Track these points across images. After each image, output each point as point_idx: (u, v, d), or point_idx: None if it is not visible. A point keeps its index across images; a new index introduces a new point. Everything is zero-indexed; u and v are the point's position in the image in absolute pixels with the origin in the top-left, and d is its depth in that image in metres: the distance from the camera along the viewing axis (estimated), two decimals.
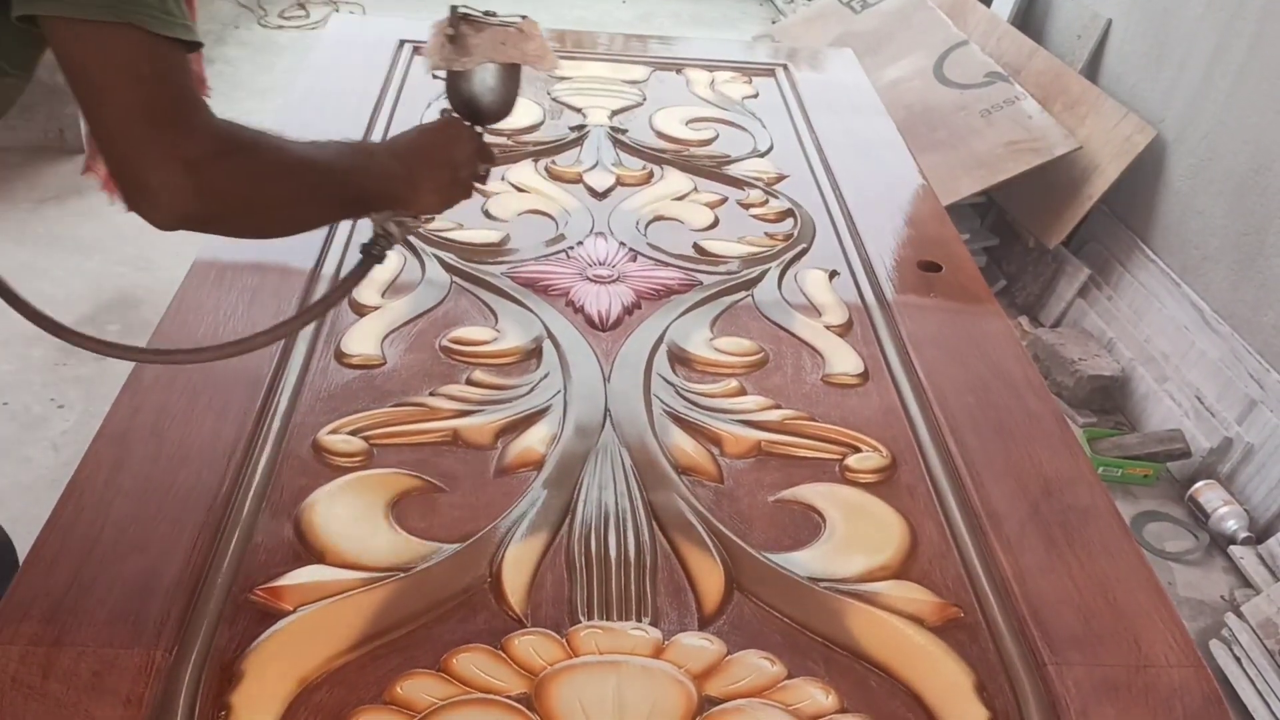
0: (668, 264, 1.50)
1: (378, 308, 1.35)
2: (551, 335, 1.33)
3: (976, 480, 1.16)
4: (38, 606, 0.91)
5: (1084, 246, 2.94)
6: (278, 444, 1.12)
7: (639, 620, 0.96)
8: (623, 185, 1.71)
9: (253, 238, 1.09)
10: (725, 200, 1.69)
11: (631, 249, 1.53)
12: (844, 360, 1.34)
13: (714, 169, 1.77)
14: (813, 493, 1.14)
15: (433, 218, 1.26)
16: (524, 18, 1.10)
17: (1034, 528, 1.10)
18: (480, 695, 0.87)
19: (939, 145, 2.98)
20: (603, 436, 1.18)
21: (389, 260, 1.43)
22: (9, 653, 0.87)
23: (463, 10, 1.07)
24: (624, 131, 1.86)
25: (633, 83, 2.06)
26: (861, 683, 0.92)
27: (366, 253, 1.07)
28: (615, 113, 1.93)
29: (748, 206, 1.68)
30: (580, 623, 0.96)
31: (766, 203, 1.69)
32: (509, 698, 0.87)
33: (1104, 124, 2.82)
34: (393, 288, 1.40)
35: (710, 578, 1.02)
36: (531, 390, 1.24)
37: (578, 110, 1.93)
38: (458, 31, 1.06)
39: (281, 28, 4.26)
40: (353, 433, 1.15)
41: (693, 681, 0.90)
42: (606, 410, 1.22)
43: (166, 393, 1.17)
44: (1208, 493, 2.26)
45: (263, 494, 1.06)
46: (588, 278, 1.45)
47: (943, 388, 1.30)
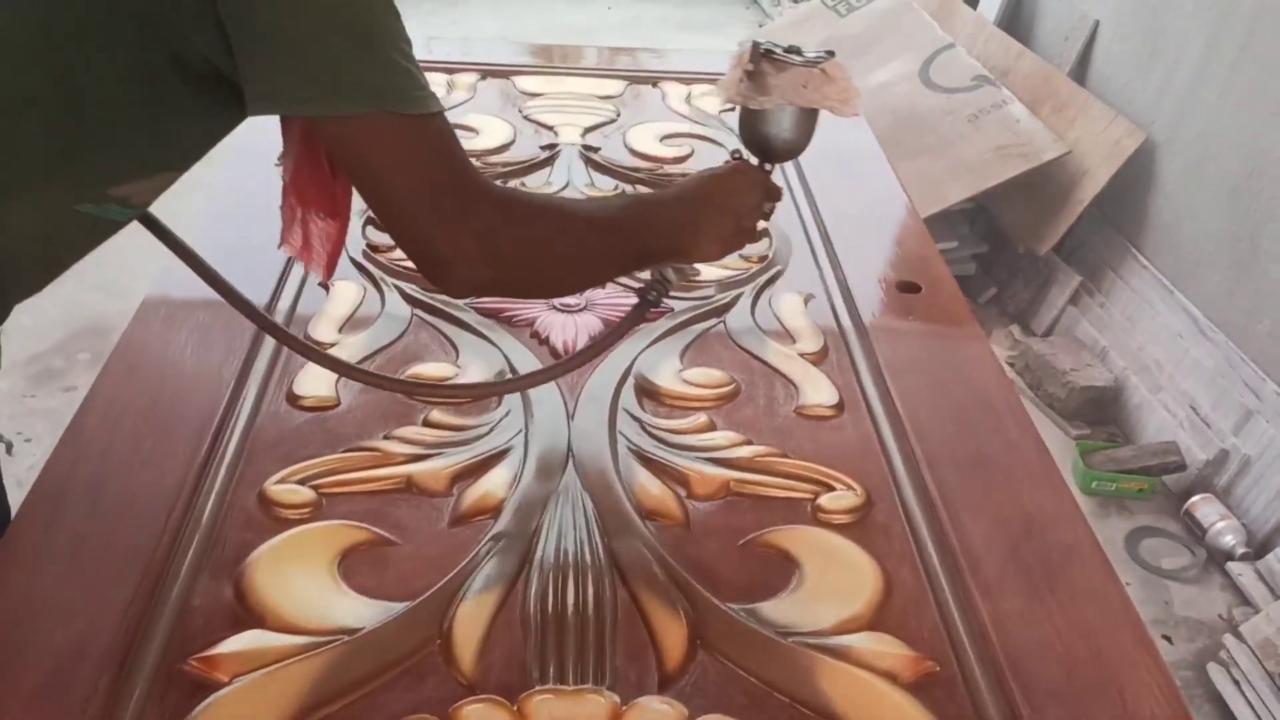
0: (637, 290, 1.45)
1: (334, 344, 1.30)
2: (514, 370, 1.28)
3: (954, 518, 1.11)
4: None
5: (1075, 252, 2.89)
6: (222, 496, 1.07)
7: (596, 683, 0.91)
8: None
9: (543, 298, 1.13)
10: None
11: None
12: (818, 390, 1.29)
13: None
14: (783, 536, 1.09)
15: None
16: (830, 54, 1.04)
17: (1014, 570, 1.05)
18: None
19: (926, 151, 2.94)
20: (564, 479, 1.13)
21: (348, 293, 1.41)
22: None
23: (765, 46, 1.02)
24: (596, 150, 1.81)
25: (607, 98, 2.01)
26: None
27: (642, 297, 1.06)
28: (588, 130, 1.88)
29: None
30: (534, 687, 0.91)
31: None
32: None
33: (1093, 127, 2.77)
34: (350, 322, 1.35)
35: (673, 634, 0.96)
36: (491, 430, 1.19)
37: (550, 128, 1.88)
38: (758, 69, 1.01)
39: None
40: (301, 482, 1.10)
41: None
42: (569, 450, 1.17)
43: (109, 442, 1.12)
44: (1204, 507, 2.21)
45: (204, 551, 1.01)
46: (553, 307, 1.40)
47: (921, 418, 1.25)
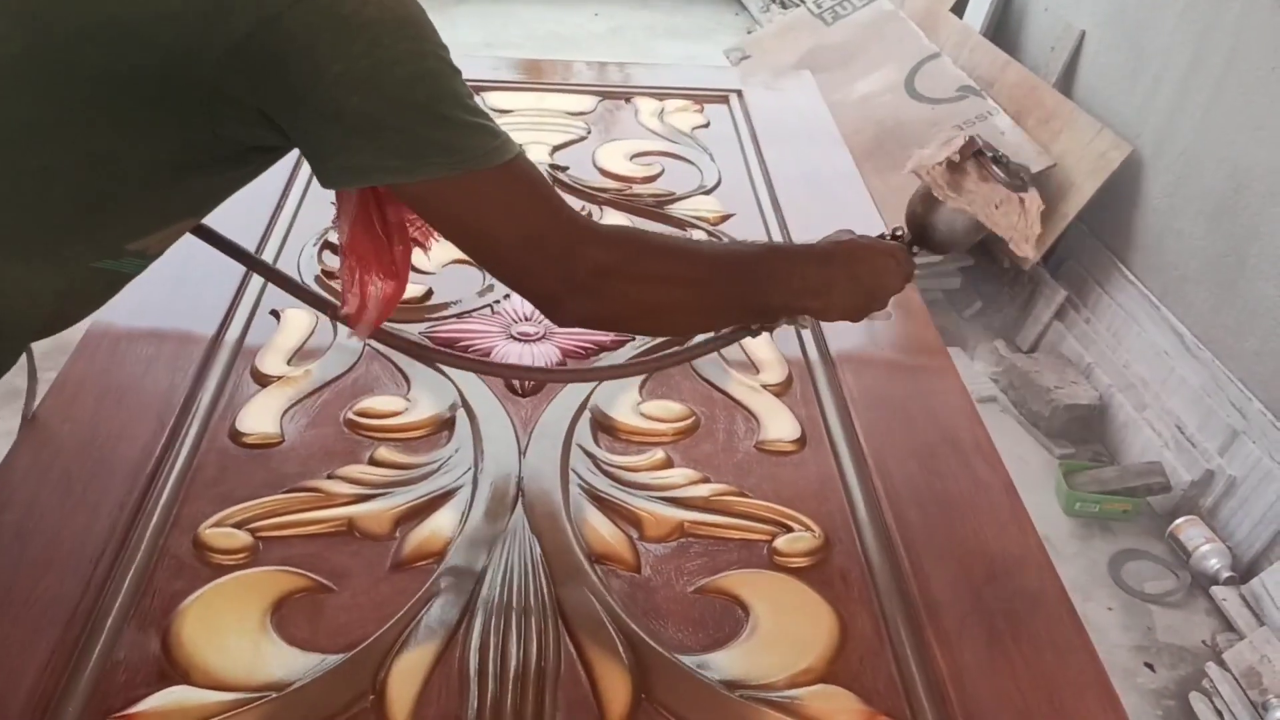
0: None
1: (281, 377, 1.26)
2: (466, 403, 1.25)
3: (915, 563, 1.07)
4: None
5: (1061, 266, 2.85)
6: (154, 541, 1.03)
7: None
8: None
9: (656, 336, 1.12)
10: None
11: None
12: (780, 424, 1.25)
13: (655, 209, 1.68)
14: (737, 581, 1.05)
15: None
16: (1031, 185, 1.01)
17: (976, 619, 1.01)
18: None
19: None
20: (512, 520, 1.09)
21: (298, 322, 1.37)
22: None
23: (980, 146, 0.98)
24: (564, 169, 1.77)
25: (578, 114, 1.97)
26: None
27: (745, 325, 1.04)
28: (557, 148, 1.85)
29: None
30: None
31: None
32: None
33: (1079, 139, 2.73)
34: (300, 353, 1.31)
35: (616, 687, 0.93)
36: (439, 469, 1.15)
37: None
38: (962, 165, 0.97)
39: None
40: (238, 525, 1.06)
41: None
42: (519, 490, 1.13)
43: (38, 486, 1.08)
44: (1189, 529, 2.17)
45: (131, 601, 0.97)
46: (512, 336, 1.36)
47: (884, 454, 1.21)
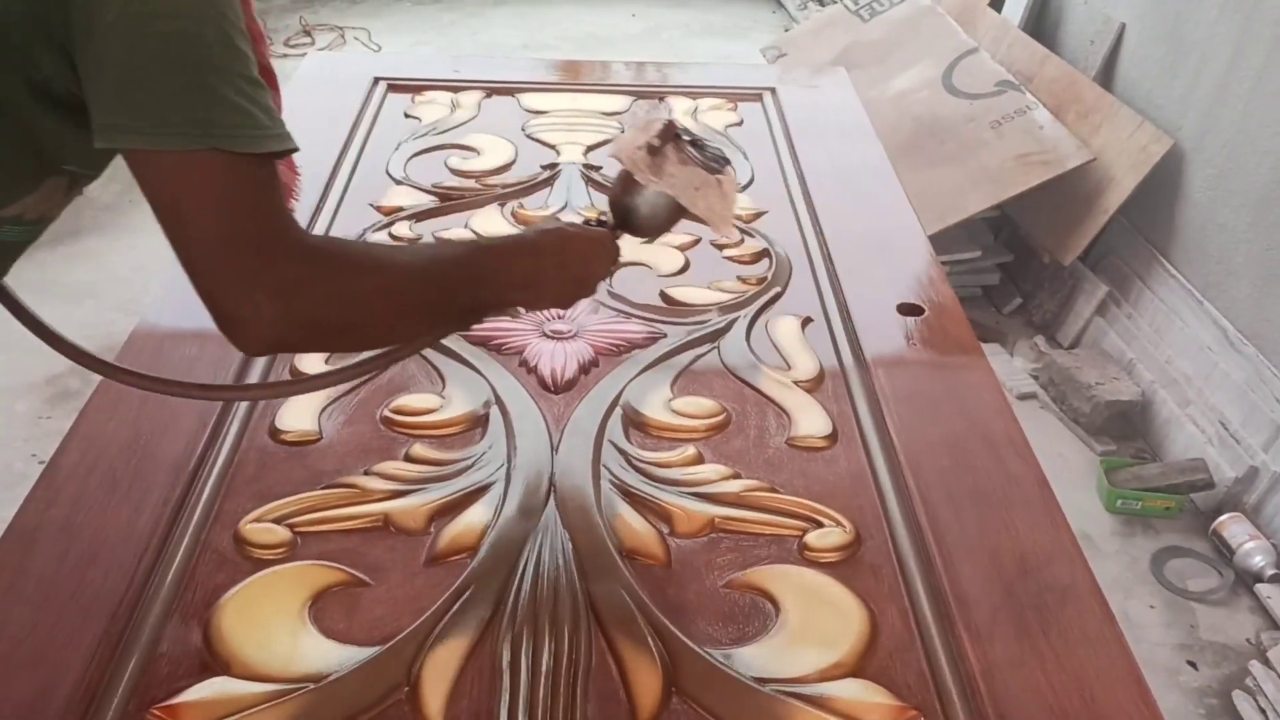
0: (631, 315, 1.43)
1: (319, 375, 1.28)
2: (500, 400, 1.26)
3: (946, 558, 1.07)
4: None
5: (1102, 261, 2.82)
6: (196, 536, 1.06)
7: None
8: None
9: (358, 352, 1.02)
10: (698, 241, 1.60)
11: (594, 299, 1.45)
12: (812, 420, 1.26)
13: None
14: (767, 576, 1.05)
15: None
16: (728, 164, 1.02)
17: (1007, 613, 1.01)
18: None
19: (947, 159, 2.88)
20: (544, 516, 1.10)
21: None
22: None
23: (679, 131, 1.00)
24: (598, 169, 1.79)
25: (611, 114, 1.99)
26: None
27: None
28: (590, 148, 1.86)
29: (721, 247, 1.59)
30: None
31: (742, 242, 1.61)
32: None
33: (1119, 133, 2.70)
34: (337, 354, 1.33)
35: (647, 680, 0.94)
36: (473, 465, 1.17)
37: (552, 147, 1.86)
38: (661, 149, 0.99)
39: (286, 56, 4.23)
40: (277, 520, 1.08)
41: None
42: (551, 485, 1.14)
43: (85, 482, 1.11)
44: (1232, 526, 2.14)
45: (174, 595, 1.00)
46: (545, 334, 1.38)
47: (915, 450, 1.21)
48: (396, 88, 2.03)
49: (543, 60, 2.32)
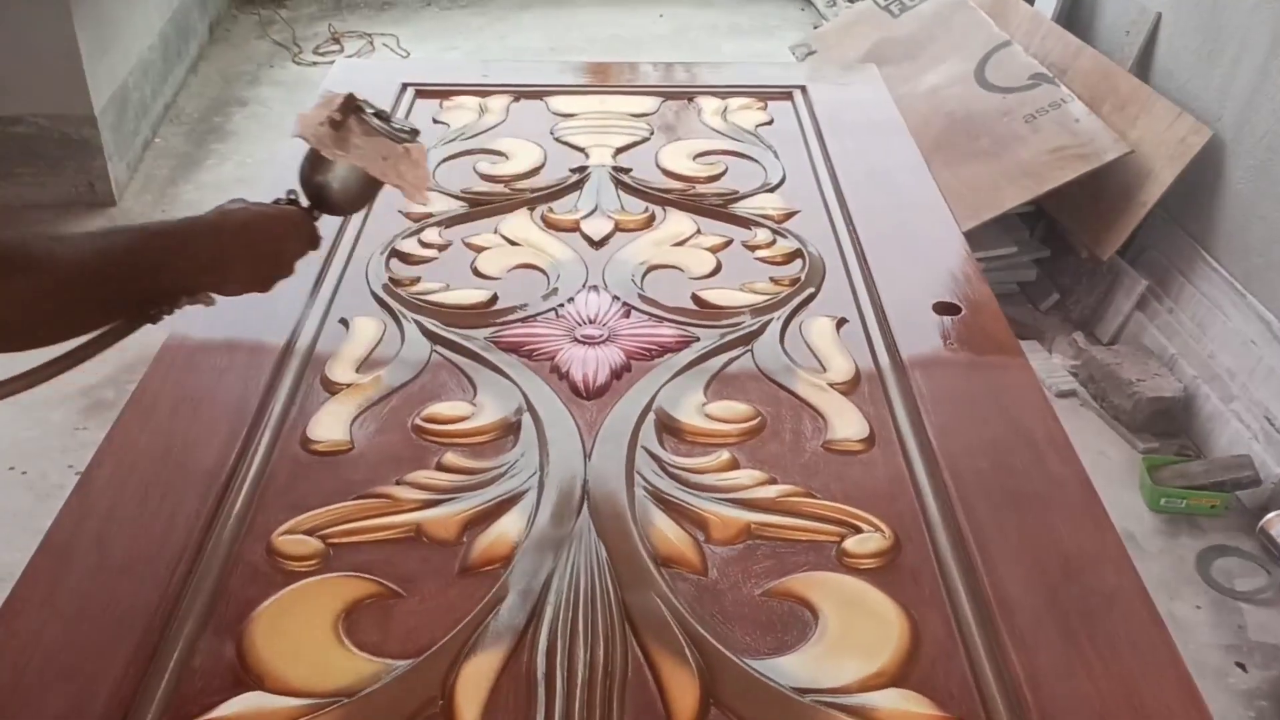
0: (663, 319, 1.41)
1: (350, 385, 1.28)
2: (532, 407, 1.25)
3: (988, 562, 1.04)
4: None
5: (1141, 255, 2.78)
6: (229, 549, 1.05)
7: None
8: (621, 231, 1.61)
9: (19, 351, 0.93)
10: (730, 242, 1.59)
11: (625, 303, 1.44)
12: (848, 423, 1.24)
13: (720, 208, 1.67)
14: (805, 583, 1.03)
15: None
16: (416, 134, 1.02)
17: (1051, 619, 0.99)
18: None
19: (981, 155, 2.85)
20: (578, 524, 1.09)
21: (366, 330, 1.38)
22: None
23: (359, 103, 1.00)
24: (627, 171, 1.77)
25: (641, 116, 1.97)
26: None
27: (142, 311, 0.95)
28: (620, 150, 1.85)
29: (753, 248, 1.58)
30: None
31: (774, 243, 1.59)
32: None
33: (1156, 125, 2.66)
34: (369, 361, 1.33)
35: (685, 692, 0.92)
36: (505, 473, 1.16)
37: (581, 150, 1.85)
38: (344, 122, 0.99)
39: (316, 64, 4.26)
40: (309, 532, 1.08)
41: None
42: (585, 493, 1.13)
43: (118, 494, 1.11)
44: None
45: (208, 608, 0.99)
46: (576, 339, 1.37)
47: (955, 452, 1.18)
48: (424, 93, 2.02)
49: (570, 63, 2.31)
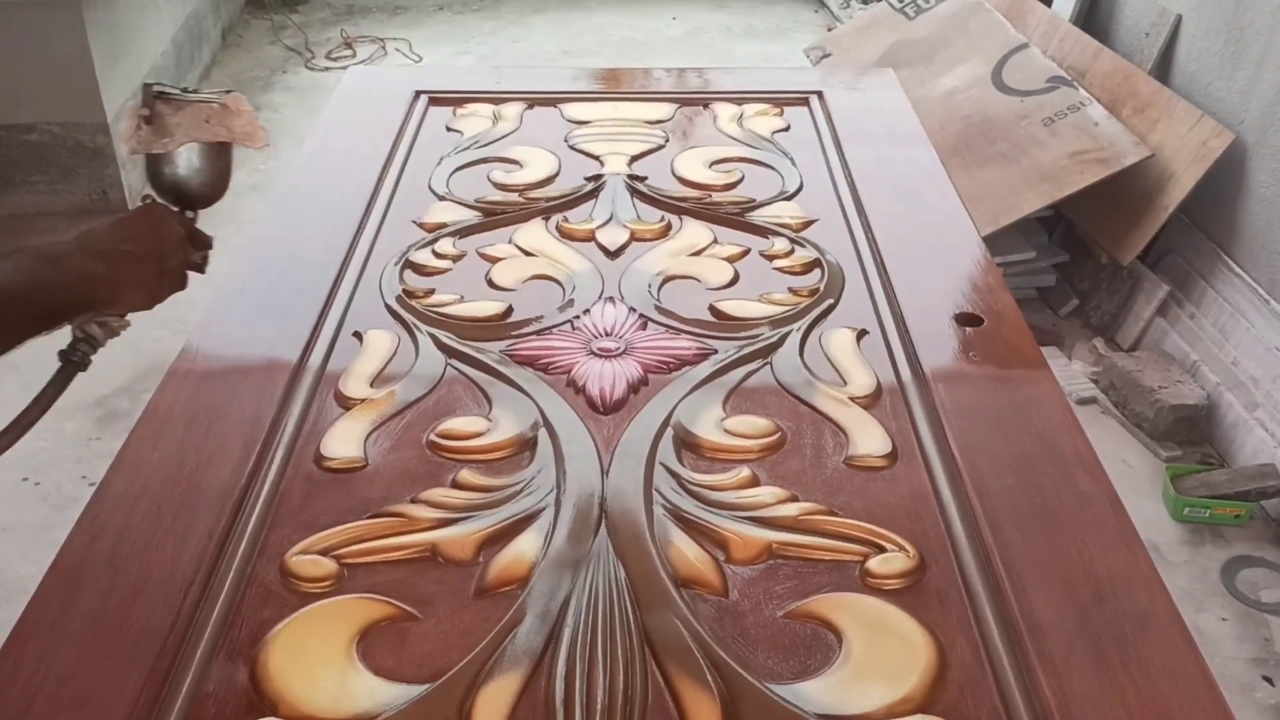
0: (680, 331, 1.39)
1: (364, 400, 1.26)
2: (548, 423, 1.23)
3: (1016, 584, 1.02)
4: None
5: (1163, 260, 2.74)
6: (242, 570, 1.04)
7: None
8: (637, 241, 1.59)
9: None
10: (747, 252, 1.57)
11: (642, 315, 1.42)
12: (870, 438, 1.21)
13: (737, 216, 1.65)
14: (828, 605, 1.01)
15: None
16: (228, 93, 1.03)
17: (1083, 643, 0.96)
18: None
19: (999, 159, 2.82)
20: (596, 544, 1.07)
21: (380, 344, 1.37)
22: None
23: (158, 89, 1.00)
24: (643, 179, 1.75)
25: (656, 123, 1.95)
26: None
27: (66, 359, 0.99)
28: (635, 158, 1.83)
29: (771, 258, 1.55)
30: None
31: (792, 252, 1.56)
32: None
33: (1177, 128, 2.62)
34: (382, 376, 1.31)
35: (706, 717, 0.90)
36: (521, 490, 1.14)
37: (595, 158, 1.83)
38: (154, 112, 0.99)
39: (328, 69, 4.25)
40: (323, 552, 1.06)
41: None
42: (602, 511, 1.11)
43: (129, 514, 1.09)
44: None
45: (220, 632, 0.97)
46: (592, 351, 1.35)
47: (980, 468, 1.16)
48: (438, 101, 2.01)
49: (584, 69, 2.29)
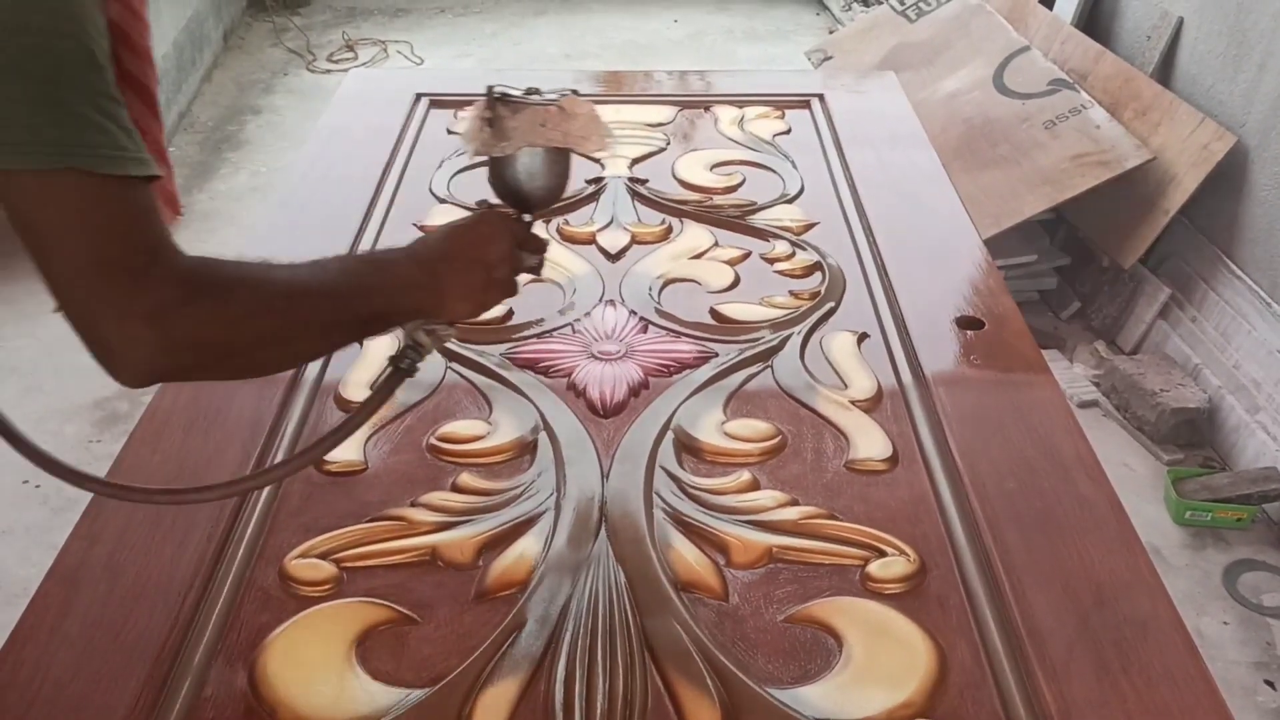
0: (680, 334, 1.39)
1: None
2: (548, 426, 1.23)
3: (1017, 588, 1.02)
4: None
5: (1164, 264, 2.74)
6: (241, 573, 1.04)
7: None
8: (638, 244, 1.59)
9: (245, 379, 0.95)
10: (748, 255, 1.56)
11: (642, 318, 1.42)
12: (871, 442, 1.21)
13: (738, 219, 1.65)
14: (828, 609, 1.01)
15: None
16: (571, 93, 1.00)
17: (1083, 648, 0.96)
18: None
19: (1000, 161, 2.81)
20: (596, 547, 1.07)
21: (380, 348, 1.36)
22: None
23: (499, 91, 0.97)
24: (644, 182, 1.75)
25: (657, 125, 1.95)
26: None
27: (395, 365, 0.96)
28: (635, 161, 1.82)
29: (772, 261, 1.55)
30: None
31: (793, 255, 1.56)
32: None
33: (1179, 131, 2.62)
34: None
35: None
36: (521, 494, 1.14)
37: (596, 161, 1.82)
38: (495, 114, 0.97)
39: (330, 72, 4.25)
40: (323, 555, 1.06)
41: None
42: (602, 515, 1.11)
43: (127, 519, 1.09)
44: None
45: (219, 636, 0.97)
46: (593, 355, 1.34)
47: (981, 471, 1.16)
48: (439, 103, 2.00)
49: (585, 71, 2.29)
